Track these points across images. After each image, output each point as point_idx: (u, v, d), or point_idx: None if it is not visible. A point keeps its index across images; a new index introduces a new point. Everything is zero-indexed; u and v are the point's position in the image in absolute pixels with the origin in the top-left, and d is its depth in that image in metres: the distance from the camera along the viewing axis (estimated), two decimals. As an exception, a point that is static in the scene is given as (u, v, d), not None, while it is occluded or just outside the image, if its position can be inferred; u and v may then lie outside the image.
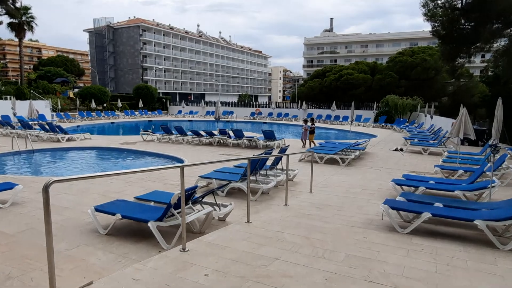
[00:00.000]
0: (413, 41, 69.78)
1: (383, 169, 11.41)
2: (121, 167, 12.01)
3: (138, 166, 12.47)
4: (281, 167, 9.48)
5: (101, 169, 11.74)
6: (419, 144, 15.20)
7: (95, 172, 11.28)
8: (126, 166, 12.25)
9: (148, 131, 18.03)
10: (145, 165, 12.56)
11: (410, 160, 13.16)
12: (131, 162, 13.25)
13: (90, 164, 12.79)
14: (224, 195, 7.82)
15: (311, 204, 7.09)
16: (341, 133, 25.64)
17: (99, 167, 12.18)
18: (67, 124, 28.67)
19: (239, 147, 16.08)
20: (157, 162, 13.12)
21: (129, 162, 13.10)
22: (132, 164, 12.73)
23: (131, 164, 12.82)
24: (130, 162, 13.25)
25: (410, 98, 30.95)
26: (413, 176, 8.49)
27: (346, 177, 10.01)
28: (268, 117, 37.44)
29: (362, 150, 13.36)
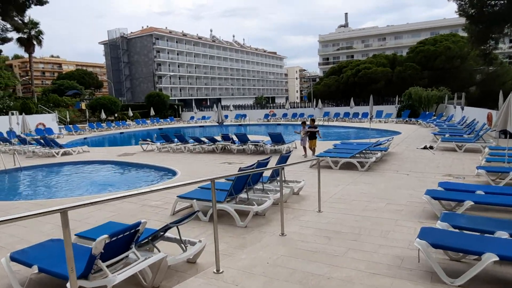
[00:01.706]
0: (434, 30, 66.03)
1: (411, 173, 9.43)
2: (104, 185, 10.57)
3: (126, 181, 11.03)
4: (287, 177, 7.75)
5: (84, 187, 10.37)
6: (452, 140, 13.03)
7: (72, 192, 9.90)
8: (111, 182, 10.82)
9: (147, 140, 16.69)
10: (134, 180, 11.09)
11: (443, 160, 11.07)
12: (120, 177, 11.83)
13: (73, 182, 11.44)
14: (207, 219, 6.16)
15: (317, 230, 5.31)
16: (360, 131, 23.51)
17: (83, 184, 10.81)
18: (75, 137, 27.95)
19: (244, 153, 14.41)
20: (149, 175, 11.65)
21: (117, 178, 11.68)
22: (120, 180, 11.29)
23: (119, 179, 11.39)
24: (119, 177, 11.82)
25: (436, 89, 28.35)
26: (452, 185, 6.52)
27: (365, 187, 8.13)
28: (283, 118, 35.63)
29: (384, 151, 11.39)
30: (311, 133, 12.31)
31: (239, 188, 6.28)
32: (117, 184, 10.40)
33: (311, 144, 12.32)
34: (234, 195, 6.07)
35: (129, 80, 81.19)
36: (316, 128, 12.45)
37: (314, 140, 12.31)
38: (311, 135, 12.31)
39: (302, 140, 12.62)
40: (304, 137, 12.49)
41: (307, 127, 12.46)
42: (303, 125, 12.72)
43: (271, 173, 7.37)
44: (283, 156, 7.30)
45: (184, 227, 5.84)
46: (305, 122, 12.86)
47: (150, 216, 6.69)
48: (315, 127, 12.43)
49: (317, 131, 12.38)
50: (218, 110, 15.21)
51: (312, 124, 12.58)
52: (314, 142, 12.35)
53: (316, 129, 12.39)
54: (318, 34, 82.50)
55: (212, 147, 15.07)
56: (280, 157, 7.24)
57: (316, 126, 12.56)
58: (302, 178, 8.10)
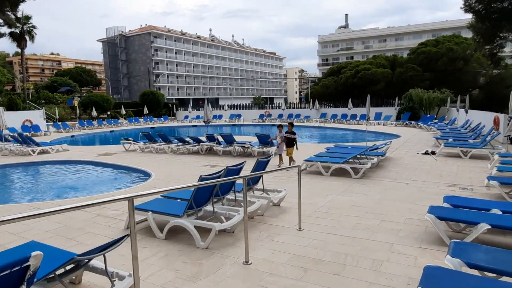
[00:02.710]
0: (436, 32, 64.96)
1: (411, 182, 8.34)
2: (66, 188, 9.46)
3: (93, 184, 9.91)
4: (267, 185, 6.66)
5: (42, 191, 9.27)
6: (456, 145, 11.94)
7: (25, 196, 8.79)
8: (76, 185, 9.71)
9: (129, 140, 15.59)
10: (102, 182, 9.97)
11: (446, 167, 9.99)
12: (87, 179, 10.72)
13: (33, 184, 10.34)
14: (163, 236, 5.08)
15: (292, 258, 4.22)
16: (358, 134, 22.42)
17: (42, 187, 9.70)
18: (63, 134, 26.88)
19: (230, 155, 13.32)
20: (119, 178, 10.56)
21: (84, 180, 10.56)
22: (86, 182, 10.18)
23: (85, 182, 10.27)
24: (86, 179, 10.71)
25: (438, 91, 27.26)
26: (461, 200, 5.43)
27: (358, 198, 7.04)
28: (278, 118, 34.52)
29: (381, 155, 10.31)
30: (288, 140, 10.40)
31: (203, 200, 5.19)
32: (81, 188, 9.31)
33: (288, 152, 10.43)
34: (195, 208, 4.98)
35: (127, 78, 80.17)
36: (295, 134, 10.47)
37: (291, 148, 10.42)
38: (289, 142, 10.40)
39: (278, 147, 10.62)
40: (280, 143, 10.51)
41: (284, 131, 10.52)
42: (279, 129, 10.67)
43: (247, 181, 6.27)
44: (260, 161, 6.19)
45: (131, 248, 4.76)
46: (282, 126, 10.73)
47: (100, 230, 5.62)
48: (293, 133, 10.44)
49: (294, 138, 10.41)
50: (205, 109, 14.12)
51: (290, 129, 10.48)
52: (291, 150, 10.43)
53: (294, 136, 10.43)
54: (318, 35, 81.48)
55: (197, 148, 13.99)
56: (257, 163, 6.13)
57: (295, 132, 10.54)
58: (285, 187, 7.02)
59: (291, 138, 10.38)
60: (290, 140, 10.40)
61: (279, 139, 10.48)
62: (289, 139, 10.40)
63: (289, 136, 10.40)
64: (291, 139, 10.38)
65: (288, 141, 10.43)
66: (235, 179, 5.43)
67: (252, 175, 4.45)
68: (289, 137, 10.39)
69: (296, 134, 10.45)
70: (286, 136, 10.40)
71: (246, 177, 4.10)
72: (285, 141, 10.42)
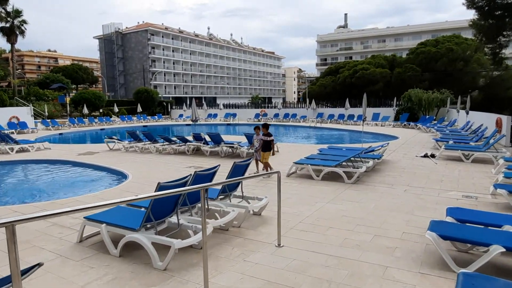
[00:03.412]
0: (435, 33, 64.24)
1: (409, 188, 7.60)
2: (32, 190, 8.67)
3: (63, 185, 9.11)
4: (247, 191, 5.91)
5: (8, 192, 8.48)
6: (457, 147, 11.21)
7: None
8: (42, 188, 8.90)
9: (113, 138, 14.82)
10: (72, 184, 9.16)
11: (447, 172, 9.25)
12: (57, 180, 9.93)
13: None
14: (117, 253, 4.32)
15: (264, 285, 3.46)
16: (354, 134, 21.70)
17: (8, 189, 8.93)
18: (51, 132, 26.04)
19: (217, 155, 12.55)
20: (93, 179, 9.77)
21: (53, 182, 9.76)
22: (53, 184, 9.38)
23: (51, 184, 9.48)
24: (56, 181, 9.92)
25: (437, 91, 26.56)
26: (467, 214, 4.66)
27: (350, 206, 6.29)
28: (274, 118, 33.77)
29: (377, 158, 9.56)
30: (264, 143, 9.05)
31: (165, 210, 4.43)
32: (47, 190, 8.53)
33: (264, 157, 9.06)
34: (153, 221, 4.21)
35: (123, 76, 79.34)
36: (271, 136, 9.08)
37: (268, 152, 9.05)
38: (264, 146, 9.03)
39: (256, 151, 9.22)
40: (258, 147, 9.12)
41: (260, 134, 9.20)
42: (256, 131, 9.31)
43: (222, 186, 5.51)
44: (238, 165, 5.41)
45: (76, 268, 4.01)
46: (258, 128, 9.33)
47: (49, 244, 4.85)
48: (268, 135, 9.07)
49: (271, 141, 9.04)
50: (192, 107, 13.36)
51: (265, 131, 9.09)
52: (268, 155, 9.06)
53: (270, 138, 9.04)
54: (317, 34, 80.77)
55: (183, 148, 13.22)
56: (234, 167, 5.36)
57: (271, 134, 9.16)
58: (269, 193, 6.28)
59: (267, 141, 9.01)
60: (266, 144, 9.03)
61: (257, 143, 9.19)
62: (265, 142, 9.02)
63: (264, 138, 9.02)
64: (267, 142, 9.02)
65: (264, 145, 9.05)
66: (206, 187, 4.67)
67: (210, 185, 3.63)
68: (265, 140, 9.01)
69: (272, 136, 9.14)
70: (262, 139, 9.04)
71: (204, 187, 3.33)
72: (261, 144, 9.09)
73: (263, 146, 9.07)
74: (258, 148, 9.14)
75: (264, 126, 9.17)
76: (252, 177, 5.12)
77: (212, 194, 5.44)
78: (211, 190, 5.48)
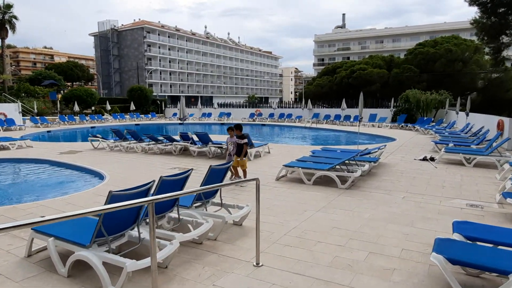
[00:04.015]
0: (434, 34, 63.86)
1: (408, 195, 6.96)
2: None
3: (32, 187, 8.39)
4: (227, 198, 5.25)
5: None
6: (458, 151, 10.59)
7: None
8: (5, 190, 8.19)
9: (97, 136, 14.11)
10: (39, 187, 8.44)
11: (448, 177, 8.63)
12: (29, 181, 9.22)
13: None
14: (65, 272, 3.64)
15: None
16: (350, 135, 21.08)
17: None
18: (40, 129, 25.31)
19: (205, 156, 11.88)
20: (67, 180, 9.06)
21: (23, 184, 9.05)
22: (25, 186, 8.68)
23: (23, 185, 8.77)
24: (27, 182, 9.21)
25: (436, 93, 26.00)
26: (477, 229, 3.99)
27: (342, 216, 5.64)
28: (269, 118, 33.12)
29: (374, 161, 8.92)
30: (237, 146, 8.02)
31: (123, 223, 3.76)
32: (15, 192, 7.83)
33: (237, 163, 7.97)
34: (106, 236, 3.54)
35: (118, 74, 78.38)
36: (244, 138, 7.98)
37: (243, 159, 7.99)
38: (239, 150, 7.96)
39: (230, 155, 8.21)
40: (233, 150, 8.12)
41: (234, 136, 8.21)
42: (230, 133, 8.24)
43: (206, 193, 4.83)
44: (214, 169, 4.74)
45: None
46: (232, 129, 8.26)
47: (-8, 258, 4.16)
48: (242, 137, 7.99)
49: (244, 144, 7.94)
50: (180, 105, 12.68)
51: (238, 132, 8.05)
52: (243, 162, 8.03)
53: (243, 141, 7.95)
54: (314, 34, 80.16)
55: (170, 148, 12.53)
56: (210, 171, 4.67)
57: (245, 136, 8.06)
58: (252, 200, 5.60)
59: (240, 144, 7.93)
60: (239, 146, 7.95)
61: (231, 146, 8.15)
62: (238, 145, 7.96)
63: (238, 141, 7.98)
64: (239, 145, 7.94)
65: (237, 148, 7.99)
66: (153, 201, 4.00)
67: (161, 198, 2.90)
68: (238, 142, 7.96)
69: (246, 139, 8.02)
70: (237, 142, 8.00)
71: (152, 201, 2.66)
72: (235, 147, 8.05)
73: (237, 150, 8.01)
74: (233, 151, 8.10)
75: (237, 127, 8.11)
76: (225, 185, 4.44)
77: (186, 201, 4.77)
78: (184, 197, 4.81)
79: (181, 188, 4.36)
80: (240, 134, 8.06)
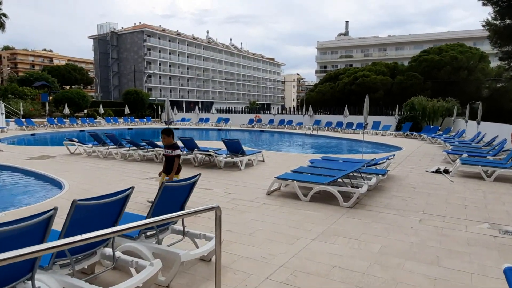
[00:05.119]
0: (437, 42, 62.87)
1: (425, 217, 5.66)
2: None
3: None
4: (195, 225, 3.95)
5: None
6: (476, 162, 9.30)
7: None
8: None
9: (73, 140, 12.87)
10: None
11: (469, 194, 7.33)
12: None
13: None
14: None
15: None
16: (353, 143, 19.82)
17: None
18: (24, 132, 24.09)
19: (190, 164, 10.59)
20: (20, 192, 7.76)
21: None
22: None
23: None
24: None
25: (442, 100, 24.77)
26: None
27: (345, 248, 4.34)
28: (269, 124, 31.87)
29: (382, 174, 7.63)
30: (166, 159, 5.91)
31: (9, 274, 2.46)
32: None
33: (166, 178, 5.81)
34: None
35: (117, 77, 77.51)
36: (175, 148, 5.79)
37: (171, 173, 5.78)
38: (167, 163, 5.88)
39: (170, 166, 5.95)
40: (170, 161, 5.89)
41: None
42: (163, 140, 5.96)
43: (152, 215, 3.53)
44: (168, 187, 3.44)
45: None
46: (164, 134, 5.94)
47: None
48: (172, 147, 5.82)
49: (176, 157, 5.76)
50: (166, 108, 11.45)
51: (167, 140, 5.86)
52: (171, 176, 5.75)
53: (175, 152, 5.75)
54: (317, 41, 79.37)
55: (152, 154, 11.25)
56: (163, 191, 3.37)
57: (177, 146, 5.89)
58: (231, 223, 4.32)
59: (169, 156, 5.82)
60: (168, 160, 5.85)
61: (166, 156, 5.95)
62: (167, 157, 5.89)
63: (167, 153, 5.86)
64: (169, 158, 5.83)
65: (166, 161, 5.90)
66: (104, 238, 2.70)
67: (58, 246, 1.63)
68: (167, 155, 5.87)
69: (178, 149, 5.84)
70: (165, 154, 5.93)
71: None
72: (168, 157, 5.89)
73: (166, 164, 5.88)
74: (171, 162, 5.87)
75: (165, 133, 5.83)
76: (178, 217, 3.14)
77: (135, 232, 3.47)
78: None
79: (118, 215, 3.07)
80: (170, 143, 5.85)
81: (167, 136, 5.84)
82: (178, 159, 5.84)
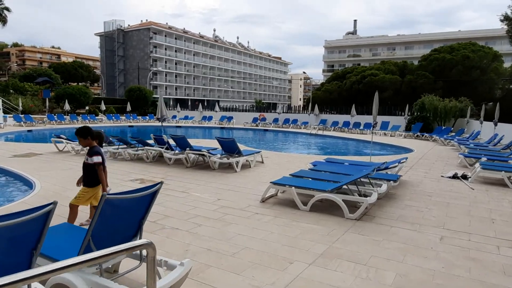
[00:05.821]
0: (447, 42, 61.32)
1: (447, 233, 4.74)
2: None
3: None
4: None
5: None
6: (499, 167, 8.31)
7: None
8: None
9: (61, 138, 12.14)
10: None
11: (493, 203, 6.39)
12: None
13: None
14: None
15: None
16: (360, 144, 18.84)
17: None
18: (22, 128, 23.52)
19: (183, 164, 9.75)
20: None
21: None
22: None
23: None
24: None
25: (455, 100, 23.63)
26: None
27: (350, 278, 3.45)
28: (273, 123, 30.95)
29: (394, 180, 6.70)
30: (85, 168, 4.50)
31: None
32: None
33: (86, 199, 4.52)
34: None
35: (123, 75, 77.14)
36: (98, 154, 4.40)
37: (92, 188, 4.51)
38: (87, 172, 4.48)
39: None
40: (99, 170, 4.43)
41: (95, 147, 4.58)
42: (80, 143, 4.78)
43: (87, 244, 2.68)
44: (111, 200, 2.58)
45: None
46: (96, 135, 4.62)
47: None
48: (95, 153, 4.41)
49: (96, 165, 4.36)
50: (159, 104, 10.66)
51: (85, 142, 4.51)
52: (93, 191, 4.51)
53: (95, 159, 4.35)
54: (324, 40, 78.13)
55: (142, 153, 10.44)
56: (103, 206, 2.52)
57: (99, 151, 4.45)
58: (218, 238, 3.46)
59: (88, 165, 4.45)
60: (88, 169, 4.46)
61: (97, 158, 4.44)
62: (86, 166, 4.50)
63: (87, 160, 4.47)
64: (88, 166, 4.45)
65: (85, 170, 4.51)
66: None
67: None
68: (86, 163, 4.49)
69: (99, 155, 4.42)
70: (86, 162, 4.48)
71: None
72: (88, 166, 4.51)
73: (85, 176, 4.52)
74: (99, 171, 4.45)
75: (80, 134, 4.49)
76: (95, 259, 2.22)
77: (69, 250, 2.61)
78: (66, 246, 2.67)
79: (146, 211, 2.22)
80: (91, 145, 4.50)
81: (82, 138, 4.45)
82: (100, 169, 4.36)
